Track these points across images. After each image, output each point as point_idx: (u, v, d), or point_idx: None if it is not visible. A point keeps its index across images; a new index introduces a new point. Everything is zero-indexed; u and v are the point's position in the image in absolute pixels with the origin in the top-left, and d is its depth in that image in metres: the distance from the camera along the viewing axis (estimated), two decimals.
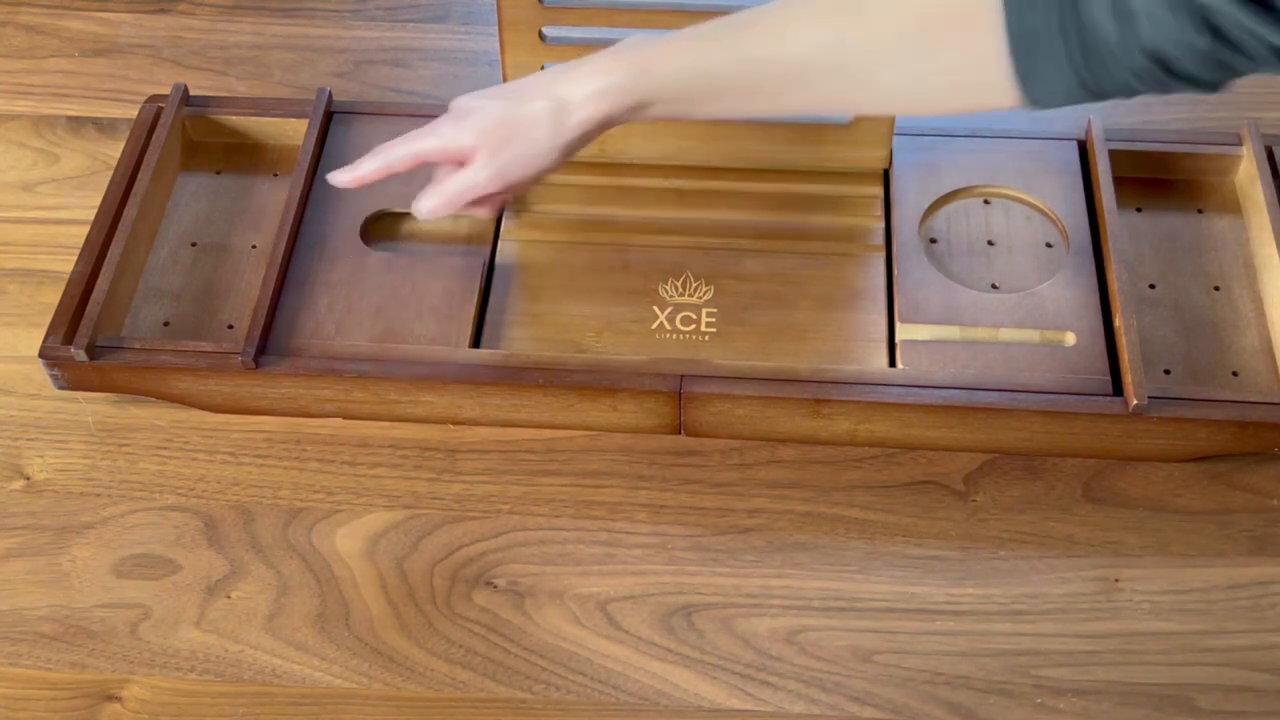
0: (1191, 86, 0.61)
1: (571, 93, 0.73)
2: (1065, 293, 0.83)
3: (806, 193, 0.89)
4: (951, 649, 0.73)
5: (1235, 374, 0.81)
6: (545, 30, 0.85)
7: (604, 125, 0.73)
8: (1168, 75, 0.60)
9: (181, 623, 0.75)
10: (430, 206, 0.76)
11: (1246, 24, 0.56)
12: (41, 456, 0.82)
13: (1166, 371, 0.81)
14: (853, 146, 0.89)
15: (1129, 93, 0.62)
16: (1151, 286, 0.85)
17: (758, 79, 0.70)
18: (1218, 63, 0.59)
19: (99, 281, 0.82)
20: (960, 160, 0.89)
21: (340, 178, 0.78)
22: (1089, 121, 0.89)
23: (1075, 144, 0.90)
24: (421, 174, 0.89)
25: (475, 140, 0.74)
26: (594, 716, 0.71)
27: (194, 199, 0.91)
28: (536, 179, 0.75)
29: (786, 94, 0.70)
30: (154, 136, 0.90)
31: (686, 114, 0.74)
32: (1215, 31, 0.57)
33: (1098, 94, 0.63)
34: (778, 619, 0.75)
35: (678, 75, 0.71)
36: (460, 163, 0.75)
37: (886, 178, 0.90)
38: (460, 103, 0.76)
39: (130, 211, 0.85)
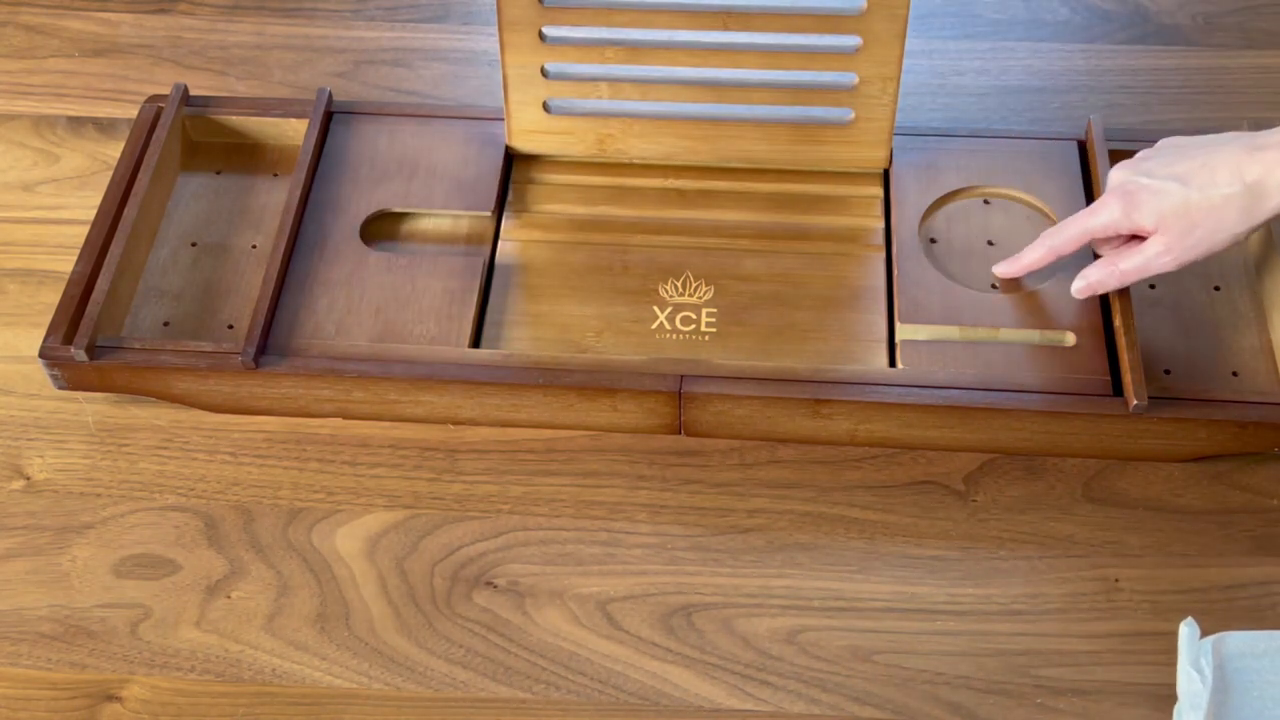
0: None
1: (1268, 179, 0.72)
2: (1065, 293, 0.83)
3: (806, 193, 0.89)
4: (951, 649, 0.73)
5: (1235, 374, 0.81)
6: (545, 30, 0.85)
7: None
8: None
9: (181, 623, 0.75)
10: (1094, 282, 0.78)
11: None
12: (41, 456, 0.82)
13: (1166, 371, 0.81)
14: (853, 146, 0.89)
15: None
16: (1151, 286, 0.85)
17: None
18: None
19: (99, 281, 0.82)
20: (960, 160, 0.89)
21: (1007, 269, 0.81)
22: (1089, 122, 0.89)
23: (1075, 144, 0.90)
24: (422, 174, 0.89)
25: (1154, 225, 0.74)
26: (594, 716, 0.71)
27: (194, 199, 0.91)
28: (1220, 250, 0.75)
29: None
30: (154, 136, 0.90)
31: None
32: None
33: None
34: (778, 619, 0.75)
35: None
36: (1128, 236, 0.76)
37: (886, 178, 0.90)
38: (1127, 178, 0.75)
39: (130, 211, 0.85)
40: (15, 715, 0.72)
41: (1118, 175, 0.77)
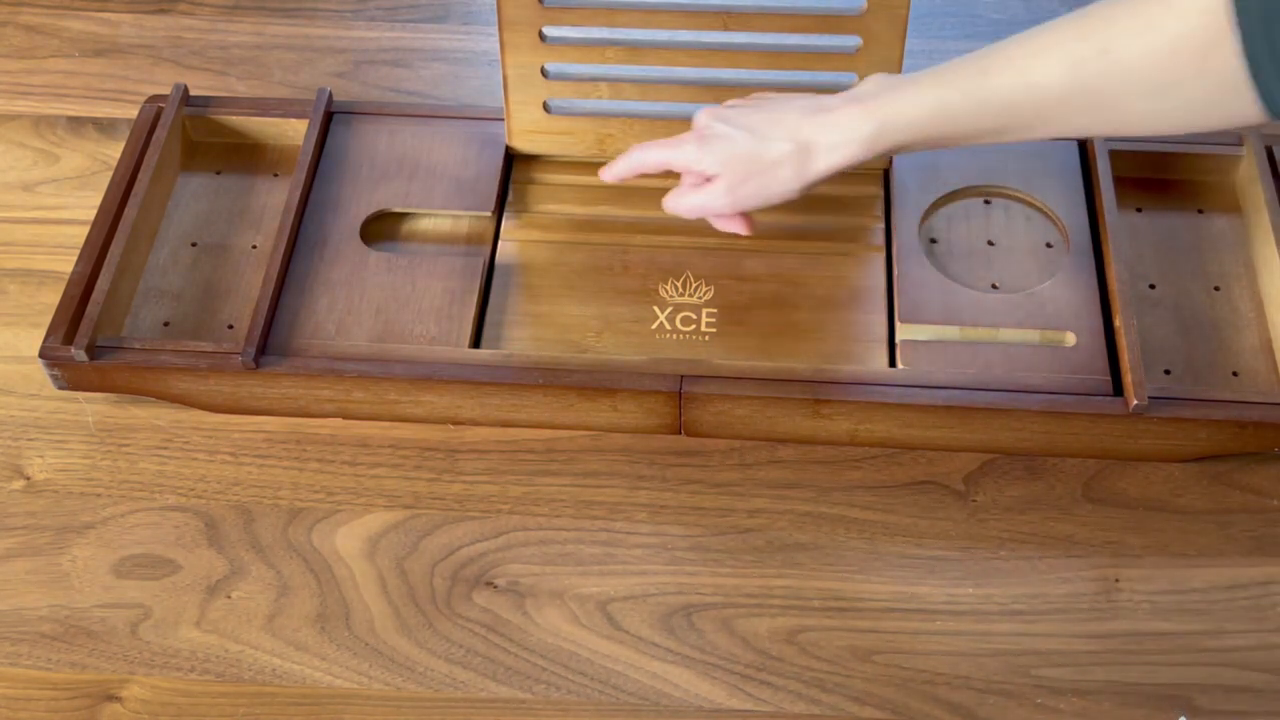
0: None
1: (817, 140, 0.75)
2: (1065, 293, 0.83)
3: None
4: (951, 649, 0.73)
5: (1235, 374, 0.81)
6: (545, 30, 0.85)
7: (848, 168, 0.76)
8: None
9: (181, 623, 0.75)
10: (669, 207, 0.81)
11: None
12: (41, 456, 0.82)
13: (1166, 371, 0.81)
14: None
15: None
16: (1151, 286, 0.85)
17: (1006, 119, 0.71)
18: None
19: (99, 281, 0.82)
20: (960, 160, 0.89)
21: (604, 174, 0.83)
22: None
23: (1075, 144, 0.90)
24: (422, 174, 0.89)
25: (718, 168, 0.78)
26: (594, 716, 0.71)
27: (194, 199, 0.91)
28: (772, 206, 0.78)
29: (1037, 129, 0.72)
30: (154, 136, 0.90)
31: (935, 149, 0.76)
32: None
33: None
34: (778, 619, 0.75)
35: (924, 125, 0.73)
36: (706, 176, 0.79)
37: (886, 178, 0.90)
38: (707, 123, 0.79)
39: (130, 211, 0.85)
40: (15, 715, 0.72)
41: (701, 118, 0.79)
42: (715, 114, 0.79)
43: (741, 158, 0.77)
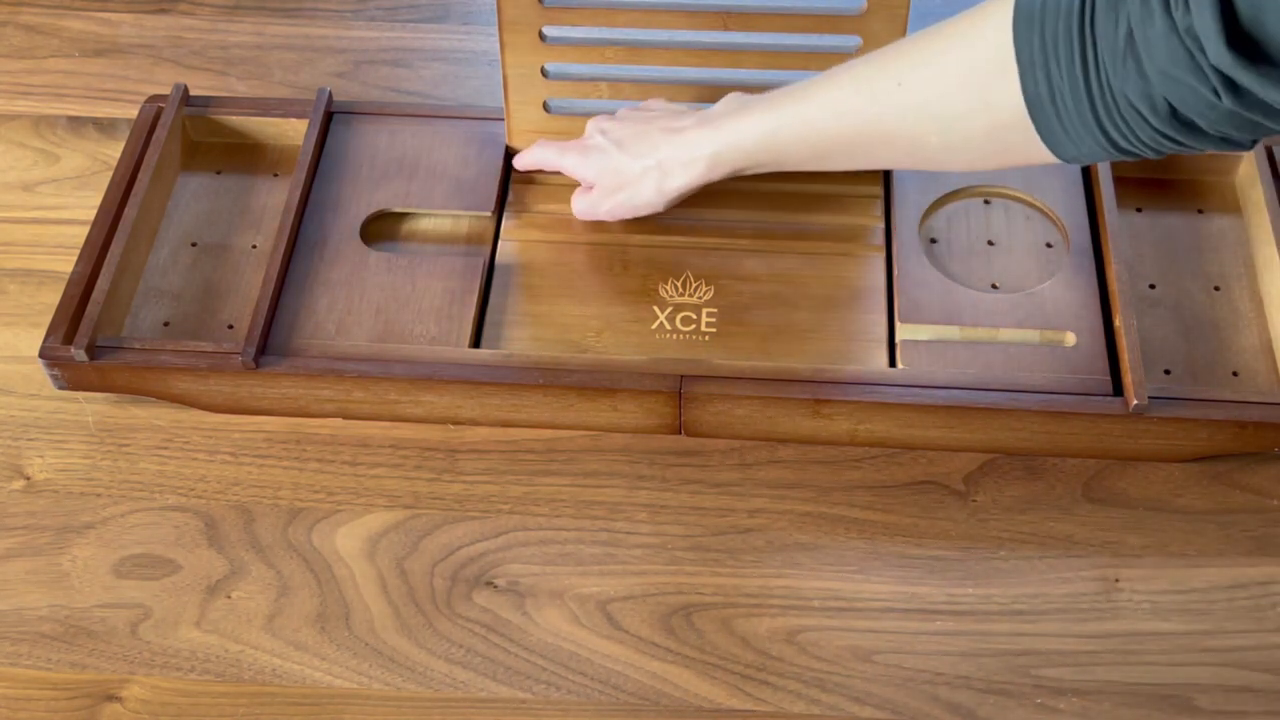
0: (1227, 145, 0.60)
1: (672, 158, 0.80)
2: (1065, 293, 0.83)
3: (806, 192, 0.89)
4: (951, 649, 0.73)
5: (1235, 374, 0.81)
6: (545, 30, 0.85)
7: (701, 185, 0.81)
8: (1197, 135, 0.60)
9: (181, 623, 0.75)
10: (572, 209, 0.87)
11: (1257, 83, 0.55)
12: (41, 456, 0.82)
13: (1166, 371, 0.81)
14: None
15: (1160, 152, 0.62)
16: (1151, 286, 0.85)
17: (825, 148, 0.75)
18: (1246, 121, 0.58)
19: (99, 281, 0.82)
20: None
21: (515, 161, 0.89)
22: None
23: None
24: (422, 174, 0.89)
25: (594, 178, 0.84)
26: (594, 716, 0.71)
27: (194, 199, 0.91)
28: (644, 214, 0.84)
29: (852, 159, 0.75)
30: (154, 136, 0.90)
31: (777, 171, 0.79)
32: (1235, 90, 0.56)
33: (1129, 152, 0.62)
34: (778, 619, 0.75)
35: (755, 150, 0.77)
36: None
37: (886, 177, 0.90)
38: (591, 133, 0.84)
39: (130, 211, 0.85)
40: (15, 715, 0.72)
41: (589, 126, 0.85)
42: (599, 124, 0.83)
43: (611, 170, 0.82)
